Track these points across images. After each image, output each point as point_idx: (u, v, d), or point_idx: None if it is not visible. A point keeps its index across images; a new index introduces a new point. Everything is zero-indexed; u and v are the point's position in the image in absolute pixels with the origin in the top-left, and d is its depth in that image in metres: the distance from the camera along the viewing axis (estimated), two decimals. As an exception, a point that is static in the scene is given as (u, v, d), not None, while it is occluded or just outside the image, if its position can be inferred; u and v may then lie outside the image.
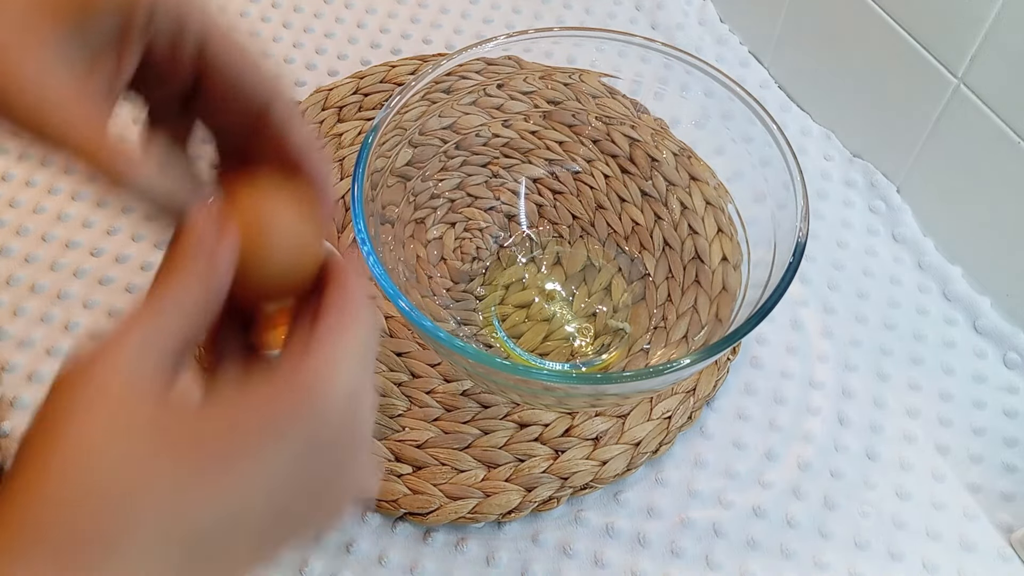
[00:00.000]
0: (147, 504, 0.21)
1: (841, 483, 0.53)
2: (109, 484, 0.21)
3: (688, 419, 0.54)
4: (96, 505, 0.20)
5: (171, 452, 0.22)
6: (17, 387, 0.55)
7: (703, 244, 0.56)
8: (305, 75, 0.71)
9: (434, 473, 0.52)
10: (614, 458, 0.52)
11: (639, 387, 0.45)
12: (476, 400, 0.54)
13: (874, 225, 0.64)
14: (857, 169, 0.66)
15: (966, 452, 0.54)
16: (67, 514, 0.20)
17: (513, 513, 0.50)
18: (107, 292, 0.58)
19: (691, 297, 0.55)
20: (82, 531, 0.20)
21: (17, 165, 0.64)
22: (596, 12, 0.76)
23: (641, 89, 0.55)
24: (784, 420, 0.55)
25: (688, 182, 0.58)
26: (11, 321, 0.57)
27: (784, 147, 0.48)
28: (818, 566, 0.50)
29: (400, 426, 0.53)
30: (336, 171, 0.64)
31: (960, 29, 0.54)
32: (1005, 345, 0.58)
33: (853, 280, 0.61)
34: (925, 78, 0.58)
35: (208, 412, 0.23)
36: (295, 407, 0.23)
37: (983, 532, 0.52)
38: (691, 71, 0.52)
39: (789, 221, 0.47)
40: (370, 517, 0.51)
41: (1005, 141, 0.54)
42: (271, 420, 0.23)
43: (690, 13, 0.76)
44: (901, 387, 0.57)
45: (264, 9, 0.75)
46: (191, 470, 0.22)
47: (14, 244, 0.60)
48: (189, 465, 0.22)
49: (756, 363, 0.57)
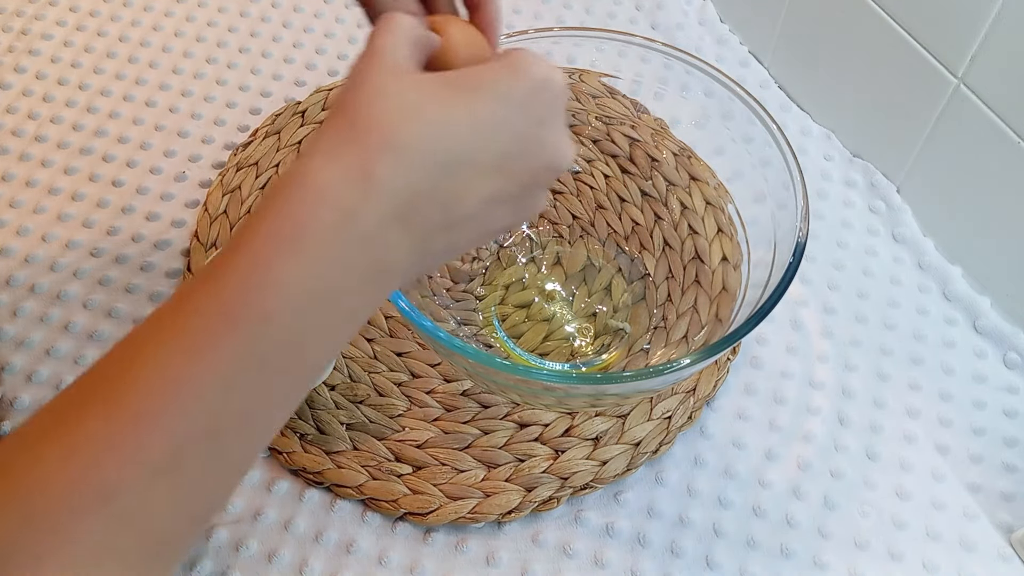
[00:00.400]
0: (424, 116, 0.29)
1: (841, 483, 0.53)
2: (399, 102, 0.29)
3: (688, 419, 0.54)
4: (386, 107, 0.29)
5: (433, 85, 0.30)
6: (17, 387, 0.55)
7: (703, 244, 0.56)
8: (305, 75, 0.71)
9: (434, 473, 0.52)
10: (614, 458, 0.52)
11: (639, 387, 0.45)
12: (476, 400, 0.54)
13: (874, 225, 0.64)
14: (857, 169, 0.66)
15: (966, 452, 0.54)
16: (365, 112, 0.29)
17: (513, 513, 0.50)
18: (107, 292, 0.58)
19: (691, 297, 0.55)
20: (377, 126, 0.29)
21: (18, 165, 0.64)
22: (596, 12, 0.76)
23: (641, 89, 0.55)
24: (784, 420, 0.55)
25: (688, 182, 0.58)
26: (11, 321, 0.57)
27: (784, 147, 0.48)
28: (818, 566, 0.50)
29: (400, 426, 0.53)
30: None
31: (960, 29, 0.54)
32: (1005, 345, 0.58)
33: (853, 280, 0.61)
34: (925, 78, 0.58)
35: (448, 73, 0.32)
36: (514, 69, 0.32)
37: (983, 532, 0.52)
38: (691, 71, 0.52)
39: (789, 221, 0.47)
40: (370, 517, 0.51)
41: (1005, 141, 0.54)
42: (499, 73, 0.31)
43: (690, 13, 0.76)
44: (901, 387, 0.57)
45: (264, 9, 0.75)
46: (449, 98, 0.30)
47: (14, 244, 0.60)
48: (448, 95, 0.30)
49: (756, 363, 0.57)
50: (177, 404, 0.25)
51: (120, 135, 0.66)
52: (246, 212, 0.61)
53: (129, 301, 0.58)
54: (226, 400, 0.26)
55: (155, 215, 0.62)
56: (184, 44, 0.72)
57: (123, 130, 0.67)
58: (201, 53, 0.72)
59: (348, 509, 0.51)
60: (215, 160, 0.65)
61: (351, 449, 0.52)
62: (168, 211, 0.63)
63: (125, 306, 0.58)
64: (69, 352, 0.56)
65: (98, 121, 0.67)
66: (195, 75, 0.70)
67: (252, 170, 0.63)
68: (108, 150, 0.66)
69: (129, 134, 0.67)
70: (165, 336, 0.26)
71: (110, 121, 0.67)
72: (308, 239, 0.27)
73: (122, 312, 0.58)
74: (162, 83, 0.70)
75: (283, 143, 0.65)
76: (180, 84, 0.70)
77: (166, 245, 0.61)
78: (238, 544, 0.49)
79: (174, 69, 0.71)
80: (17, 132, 0.66)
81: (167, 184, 0.64)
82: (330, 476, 0.51)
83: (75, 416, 0.25)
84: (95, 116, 0.67)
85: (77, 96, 0.69)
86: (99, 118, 0.67)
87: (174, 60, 0.71)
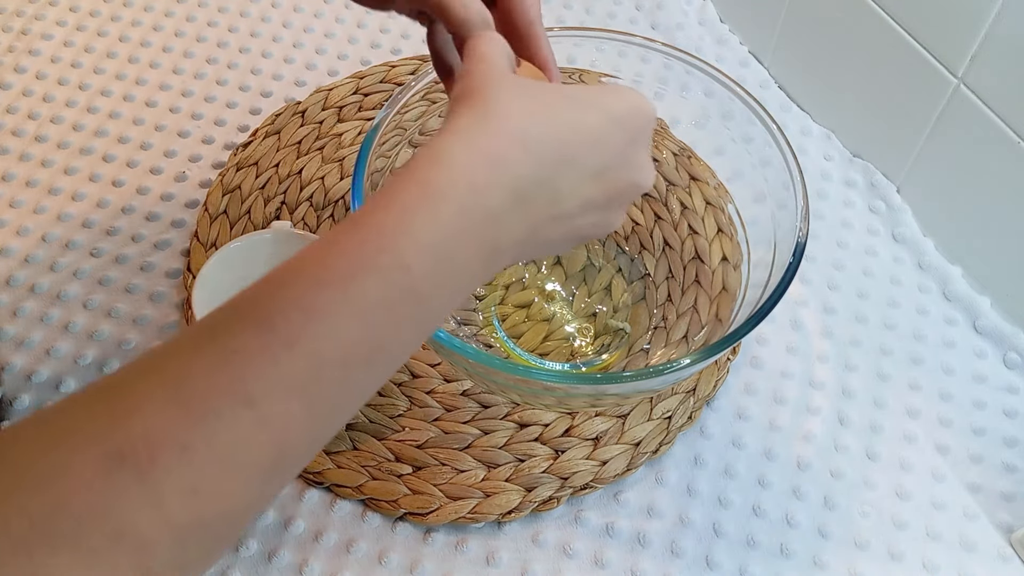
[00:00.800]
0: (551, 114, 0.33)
1: (841, 483, 0.53)
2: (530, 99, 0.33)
3: (688, 419, 0.54)
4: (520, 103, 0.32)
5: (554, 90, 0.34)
6: (17, 387, 0.55)
7: (703, 244, 0.56)
8: (305, 75, 0.71)
9: (434, 473, 0.52)
10: (614, 458, 0.52)
11: (639, 387, 0.45)
12: (476, 400, 0.54)
13: (874, 225, 0.64)
14: (857, 169, 0.66)
15: (966, 452, 0.54)
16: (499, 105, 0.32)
17: (513, 513, 0.50)
18: (107, 292, 0.58)
19: (691, 297, 0.55)
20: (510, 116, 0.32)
21: (18, 165, 0.64)
22: (596, 12, 0.76)
23: (641, 89, 0.55)
24: (784, 420, 0.55)
25: (688, 182, 0.58)
26: (11, 321, 0.57)
27: (784, 147, 0.48)
28: (818, 566, 0.50)
29: (400, 426, 0.53)
30: (336, 171, 0.64)
31: (960, 29, 0.54)
32: (1005, 345, 0.58)
33: (853, 280, 0.61)
34: (925, 78, 0.58)
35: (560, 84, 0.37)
36: (615, 91, 0.35)
37: (983, 532, 0.52)
38: (691, 71, 0.52)
39: (789, 221, 0.47)
40: (370, 517, 0.51)
41: (1005, 141, 0.54)
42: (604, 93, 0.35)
43: (690, 13, 0.76)
44: (901, 387, 0.57)
45: (264, 9, 0.75)
46: (569, 105, 0.33)
47: (14, 244, 0.60)
48: (567, 102, 0.34)
49: (756, 363, 0.57)
50: (318, 332, 0.28)
51: (120, 135, 0.66)
52: (246, 212, 0.61)
53: (129, 301, 0.58)
54: (359, 334, 0.29)
55: (155, 215, 0.62)
56: (184, 44, 0.72)
57: (123, 130, 0.67)
58: (201, 53, 0.72)
59: (348, 509, 0.51)
60: (215, 160, 0.65)
61: (351, 449, 0.52)
62: (168, 211, 0.63)
63: (125, 306, 0.58)
64: (69, 352, 0.56)
65: (98, 121, 0.67)
66: (195, 75, 0.70)
67: (252, 170, 0.63)
68: (108, 150, 0.66)
69: (129, 134, 0.67)
70: (311, 271, 0.29)
71: (110, 121, 0.67)
72: (442, 205, 0.30)
73: (122, 312, 0.58)
74: (162, 83, 0.70)
75: (283, 143, 0.65)
76: (180, 84, 0.70)
77: (166, 245, 0.61)
78: (238, 544, 0.49)
79: (174, 69, 0.71)
80: (17, 132, 0.66)
81: (167, 184, 0.64)
82: (330, 476, 0.51)
83: (226, 332, 0.28)
84: (95, 116, 0.67)
85: (77, 96, 0.69)
86: (99, 118, 0.67)
87: (174, 60, 0.71)
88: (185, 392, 0.27)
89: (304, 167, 0.64)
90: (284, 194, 0.62)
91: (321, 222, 0.61)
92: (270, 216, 0.62)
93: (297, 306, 0.28)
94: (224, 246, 0.52)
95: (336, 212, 0.62)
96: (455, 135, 0.31)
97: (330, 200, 0.62)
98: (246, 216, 0.61)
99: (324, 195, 0.62)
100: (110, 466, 0.25)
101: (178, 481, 0.26)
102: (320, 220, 0.61)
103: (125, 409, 0.26)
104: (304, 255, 0.30)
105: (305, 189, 0.63)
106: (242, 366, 0.27)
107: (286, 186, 0.63)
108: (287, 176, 0.63)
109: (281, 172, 0.63)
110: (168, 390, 0.27)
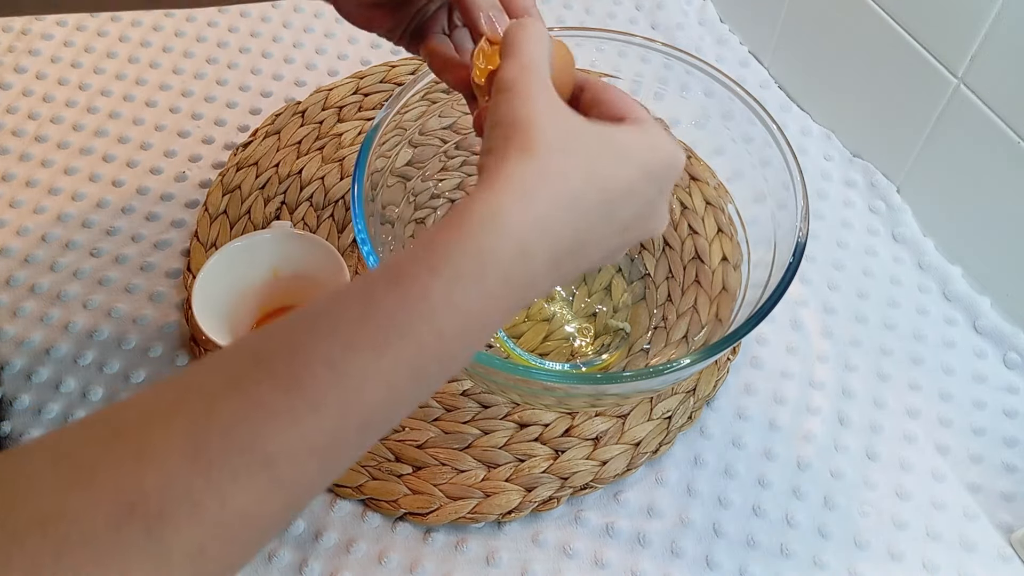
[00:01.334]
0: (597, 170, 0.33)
1: (841, 483, 0.53)
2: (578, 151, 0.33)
3: (688, 419, 0.54)
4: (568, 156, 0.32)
5: (599, 138, 0.34)
6: (17, 387, 0.55)
7: (703, 244, 0.56)
8: (305, 75, 0.71)
9: (434, 473, 0.52)
10: (614, 458, 0.52)
11: (639, 387, 0.45)
12: (476, 400, 0.54)
13: (874, 225, 0.64)
14: (857, 169, 0.66)
15: (966, 452, 0.54)
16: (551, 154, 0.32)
17: (513, 513, 0.50)
18: (106, 292, 0.58)
19: (691, 297, 0.55)
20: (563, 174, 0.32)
21: (18, 165, 0.64)
22: (596, 12, 0.76)
23: (641, 89, 0.55)
24: (784, 420, 0.55)
25: (688, 182, 0.58)
26: (11, 321, 0.57)
27: (784, 147, 0.48)
28: (818, 566, 0.50)
29: (400, 426, 0.53)
30: (336, 171, 0.64)
31: (960, 29, 0.54)
32: (1005, 345, 0.58)
33: (853, 280, 0.61)
34: (925, 78, 0.58)
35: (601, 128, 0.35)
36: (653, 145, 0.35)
37: (983, 532, 0.52)
38: (691, 71, 0.52)
39: (789, 221, 0.47)
40: (370, 517, 0.51)
41: (1005, 141, 0.54)
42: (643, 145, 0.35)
43: (690, 13, 0.76)
44: (901, 387, 0.57)
45: (264, 9, 0.75)
46: (612, 160, 0.33)
47: (14, 244, 0.60)
48: (610, 157, 0.33)
49: (756, 363, 0.57)
50: (344, 398, 0.28)
51: (120, 135, 0.66)
52: (246, 212, 0.61)
53: (129, 301, 0.58)
54: (384, 397, 0.29)
55: (155, 215, 0.62)
56: (184, 44, 0.72)
57: (123, 130, 0.67)
58: (201, 53, 0.72)
59: (348, 509, 0.51)
60: (215, 160, 0.65)
61: (351, 449, 0.52)
62: (168, 211, 0.63)
63: (125, 306, 0.58)
64: (69, 352, 0.56)
65: (98, 121, 0.67)
66: (195, 75, 0.70)
67: (252, 170, 0.63)
68: (108, 150, 0.66)
69: (129, 134, 0.67)
70: (345, 330, 0.28)
71: (110, 121, 0.67)
72: (491, 272, 0.30)
73: (122, 312, 0.58)
74: (162, 83, 0.70)
75: (283, 143, 0.65)
76: (180, 84, 0.70)
77: (166, 245, 0.61)
78: (238, 544, 0.49)
79: (174, 69, 0.71)
80: (17, 132, 0.66)
81: (167, 184, 0.64)
82: (330, 476, 0.51)
83: (250, 379, 0.27)
84: (95, 116, 0.67)
85: (77, 96, 0.69)
86: (99, 118, 0.67)
87: (174, 60, 0.71)
88: (202, 445, 0.26)
89: (304, 167, 0.64)
90: (284, 194, 0.62)
91: (321, 222, 0.61)
92: (270, 216, 0.62)
93: (326, 364, 0.28)
94: (224, 246, 0.52)
95: (336, 212, 0.62)
96: (511, 194, 0.31)
97: (330, 200, 0.62)
98: (246, 216, 0.61)
99: (324, 195, 0.62)
100: (120, 519, 0.25)
101: (186, 541, 0.26)
102: (320, 220, 0.61)
103: (140, 455, 0.26)
104: (340, 302, 0.29)
105: (305, 189, 0.63)
106: (263, 423, 0.27)
107: (286, 186, 0.63)
108: (287, 176, 0.63)
109: (281, 172, 0.63)
110: (187, 441, 0.26)
